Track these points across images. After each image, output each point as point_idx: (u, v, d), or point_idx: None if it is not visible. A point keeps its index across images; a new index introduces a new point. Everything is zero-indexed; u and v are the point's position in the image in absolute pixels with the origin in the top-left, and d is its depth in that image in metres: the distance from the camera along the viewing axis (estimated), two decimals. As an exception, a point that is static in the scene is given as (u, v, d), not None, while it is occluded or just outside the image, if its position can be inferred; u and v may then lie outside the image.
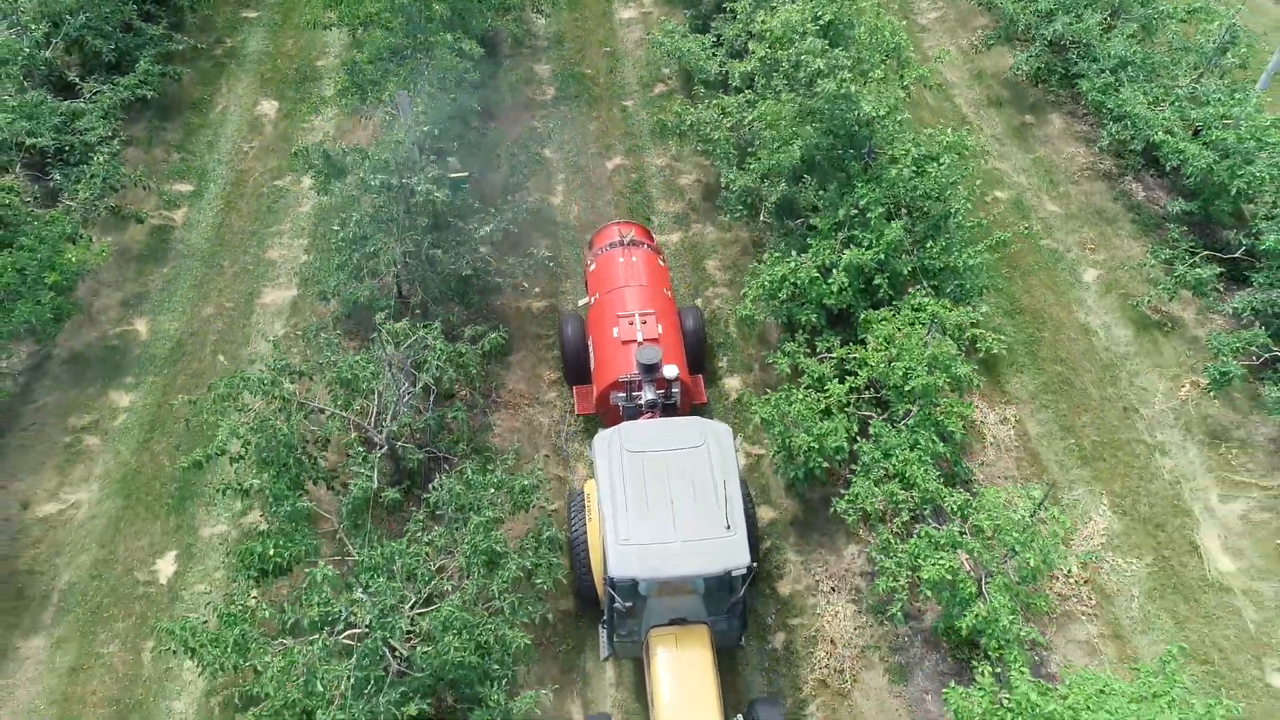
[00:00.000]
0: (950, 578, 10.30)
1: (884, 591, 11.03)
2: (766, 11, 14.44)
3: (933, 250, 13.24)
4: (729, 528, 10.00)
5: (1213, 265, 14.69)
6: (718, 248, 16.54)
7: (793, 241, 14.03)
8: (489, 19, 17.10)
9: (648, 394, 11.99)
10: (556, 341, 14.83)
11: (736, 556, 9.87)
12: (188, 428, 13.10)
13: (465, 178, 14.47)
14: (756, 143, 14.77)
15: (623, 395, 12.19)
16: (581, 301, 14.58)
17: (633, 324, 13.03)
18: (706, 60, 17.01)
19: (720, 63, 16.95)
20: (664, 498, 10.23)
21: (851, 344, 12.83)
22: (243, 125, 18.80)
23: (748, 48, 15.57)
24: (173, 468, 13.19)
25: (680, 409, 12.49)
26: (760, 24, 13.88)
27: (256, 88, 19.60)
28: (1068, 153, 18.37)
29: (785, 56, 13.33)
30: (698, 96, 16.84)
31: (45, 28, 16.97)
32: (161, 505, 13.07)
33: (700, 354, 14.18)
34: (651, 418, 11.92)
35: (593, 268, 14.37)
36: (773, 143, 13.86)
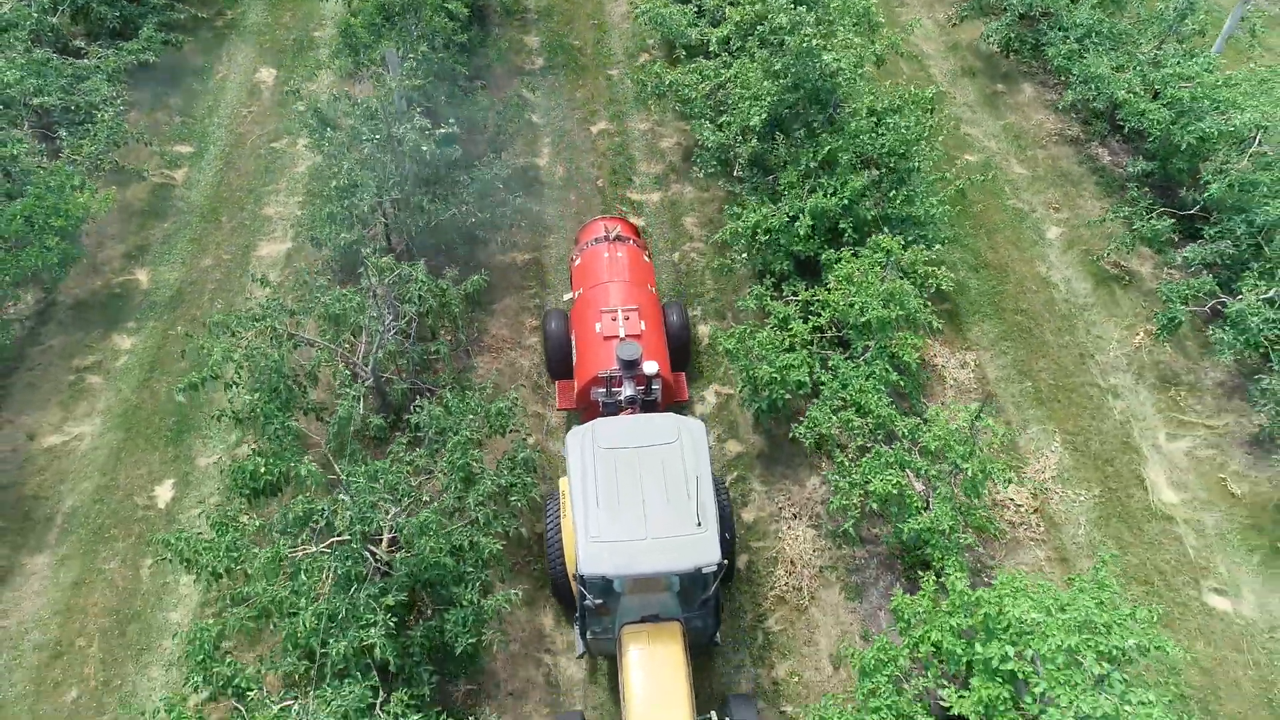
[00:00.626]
0: (897, 492, 10.97)
1: (838, 510, 11.70)
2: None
3: (895, 200, 13.92)
4: (700, 525, 9.91)
5: (1167, 220, 15.34)
6: (695, 206, 17.22)
7: (763, 196, 14.71)
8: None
9: (627, 389, 11.92)
10: (538, 288, 15.51)
11: (707, 554, 9.77)
12: (184, 357, 13.78)
13: (453, 134, 15.13)
14: (729, 102, 15.44)
15: (602, 390, 12.14)
16: (566, 296, 14.60)
17: (615, 319, 12.95)
18: (687, 27, 17.68)
19: (700, 31, 17.62)
20: (636, 495, 10.17)
21: (817, 288, 13.50)
22: (242, 92, 19.53)
23: (726, 15, 16.31)
24: (170, 390, 13.90)
25: (661, 406, 12.42)
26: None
27: (255, 57, 20.33)
28: (1036, 119, 19.03)
29: (757, 13, 13.99)
30: (678, 61, 17.51)
31: (53, -6, 17.75)
32: (160, 437, 13.79)
33: (684, 351, 14.14)
34: (632, 414, 11.86)
35: (577, 262, 14.38)
36: (743, 99, 14.53)
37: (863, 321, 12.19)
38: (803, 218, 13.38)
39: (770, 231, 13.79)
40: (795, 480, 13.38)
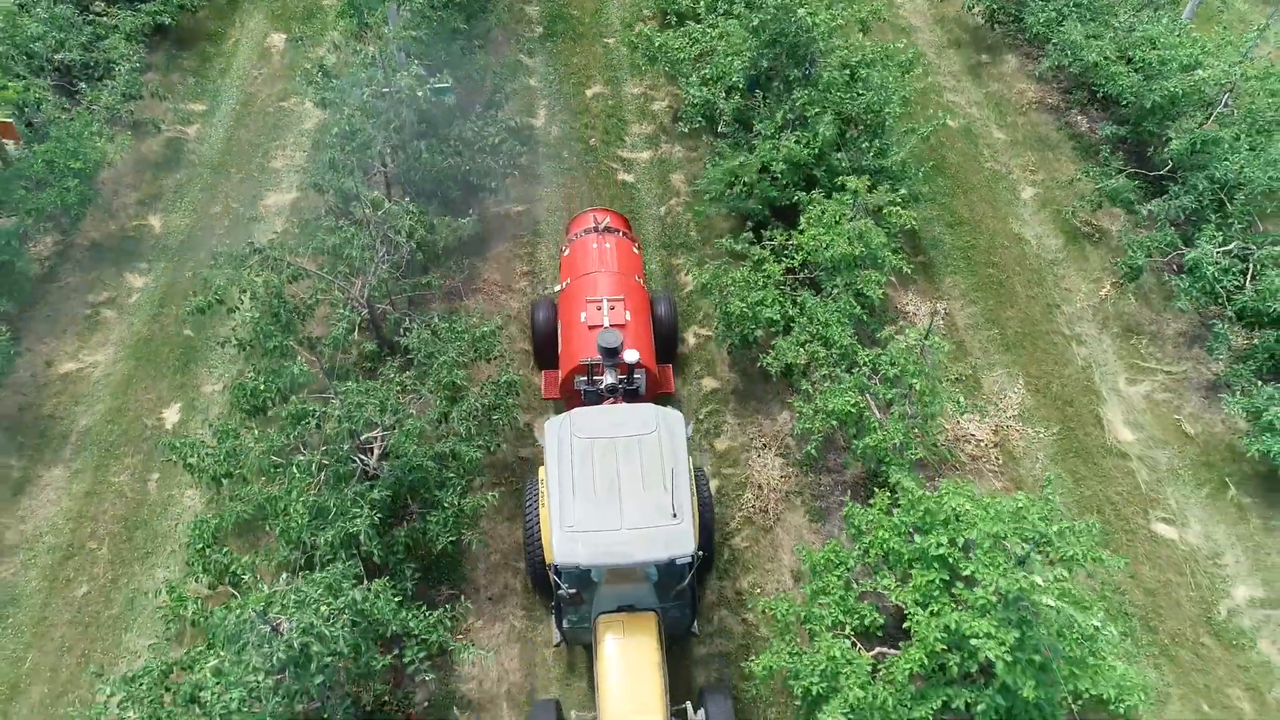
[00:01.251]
0: (855, 413, 11.65)
1: (802, 433, 12.39)
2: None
3: (869, 152, 14.59)
4: (675, 515, 9.91)
5: (1135, 180, 15.93)
6: (684, 164, 17.92)
7: (744, 149, 15.39)
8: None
9: (608, 378, 11.86)
10: (530, 236, 16.23)
11: (682, 544, 9.78)
12: (193, 294, 14.60)
13: (448, 88, 15.88)
14: (713, 60, 16.14)
15: (584, 379, 12.18)
16: (556, 287, 14.63)
17: (600, 309, 12.98)
18: (679, -7, 18.40)
19: (692, -3, 18.33)
20: (611, 484, 10.16)
21: (791, 233, 14.18)
22: (253, 54, 20.37)
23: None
24: (179, 322, 14.76)
25: (647, 397, 12.34)
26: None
27: (267, 22, 21.16)
28: (1019, 88, 19.62)
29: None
30: (671, 26, 18.20)
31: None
32: (168, 366, 14.62)
33: (672, 343, 14.18)
34: (614, 403, 11.83)
35: (566, 253, 14.50)
36: (726, 55, 15.24)
37: (829, 258, 12.86)
38: (776, 165, 14.05)
39: (746, 179, 14.47)
40: (767, 415, 14.06)
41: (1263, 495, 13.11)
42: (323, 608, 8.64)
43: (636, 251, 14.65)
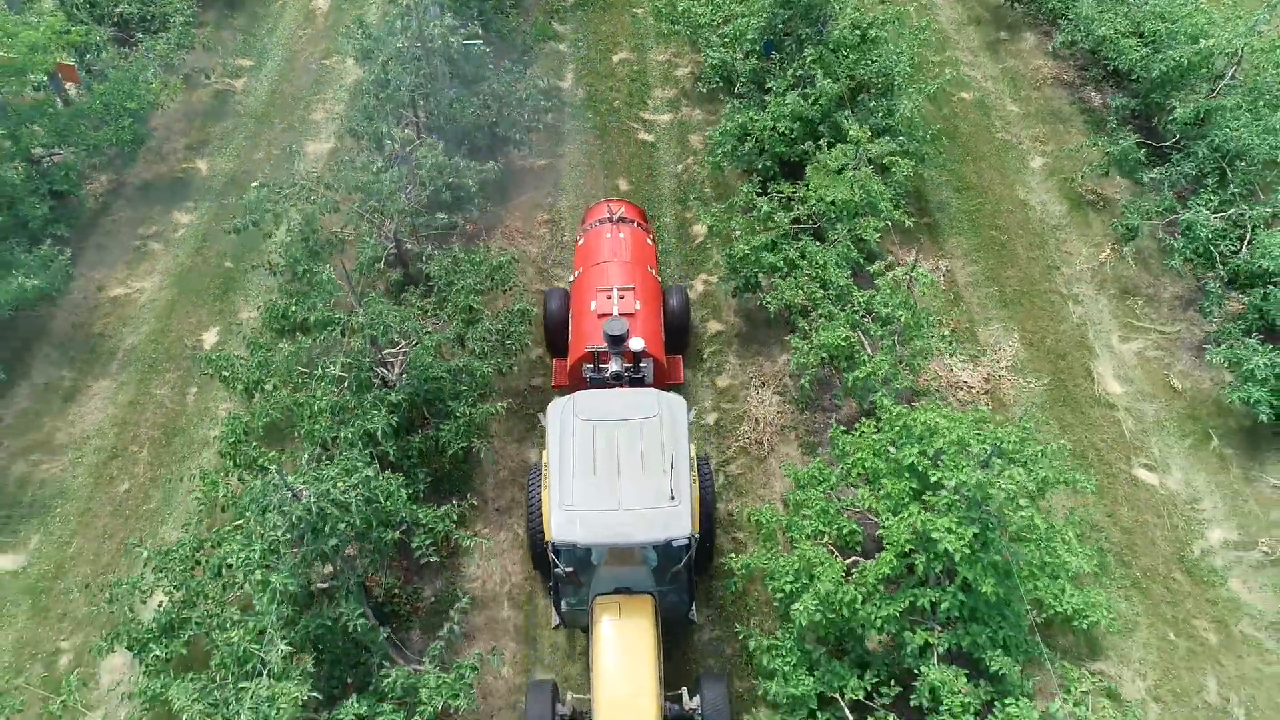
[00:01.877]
0: (846, 346, 12.30)
1: (797, 368, 13.06)
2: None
3: (877, 112, 15.21)
4: (673, 498, 10.00)
5: (1141, 149, 16.32)
6: (702, 126, 18.62)
7: (756, 107, 16.08)
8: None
9: (614, 365, 11.98)
10: (551, 189, 17.04)
11: (678, 527, 9.87)
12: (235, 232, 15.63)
13: (479, 43, 16.75)
14: (733, 23, 16.85)
15: (590, 366, 12.30)
16: (570, 277, 14.79)
17: (610, 298, 13.09)
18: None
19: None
20: (611, 466, 10.27)
21: (798, 185, 14.84)
22: (299, 15, 21.44)
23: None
24: (219, 257, 15.79)
25: (654, 388, 12.25)
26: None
27: (313, -14, 22.24)
28: (1035, 64, 20.05)
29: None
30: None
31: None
32: (209, 294, 15.65)
33: (683, 335, 14.25)
34: None
35: (580, 242, 14.64)
36: (743, 17, 15.94)
37: (831, 204, 13.51)
38: (782, 121, 14.73)
39: (756, 136, 15.15)
40: (767, 357, 14.73)
41: (1245, 448, 13.52)
42: (339, 483, 9.49)
43: (651, 242, 14.77)
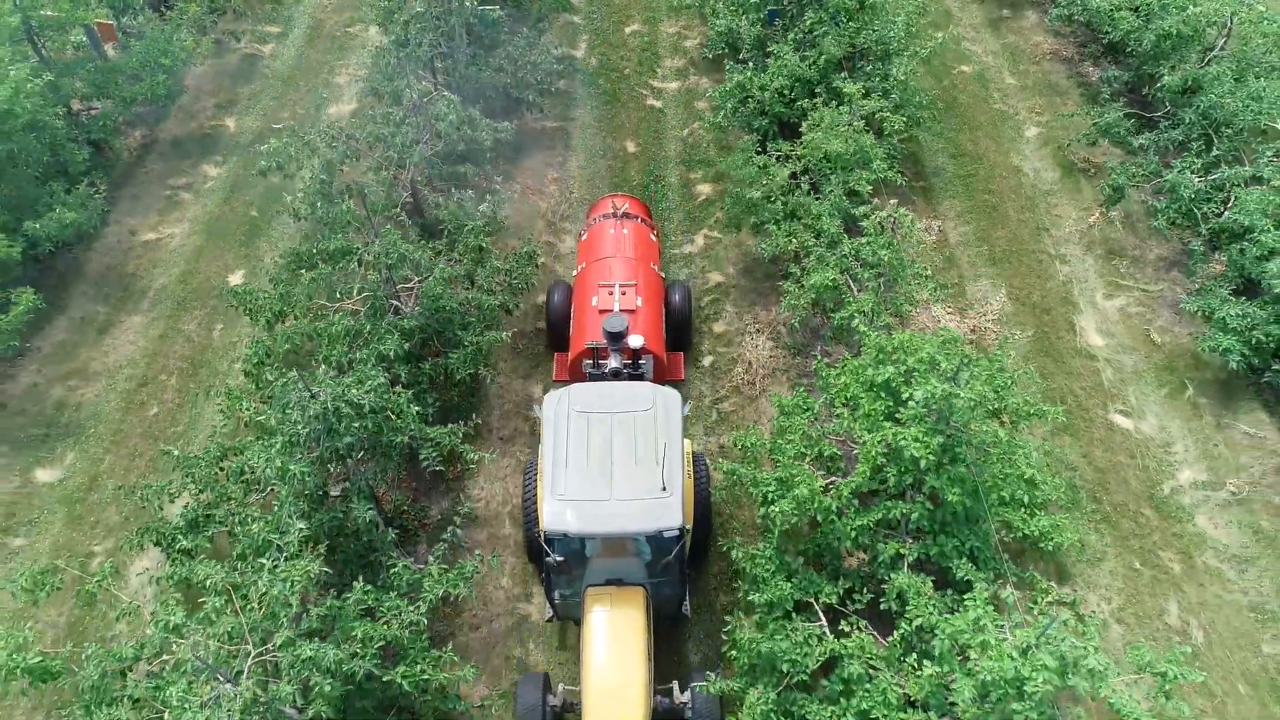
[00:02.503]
0: (834, 288, 12.98)
1: (788, 309, 13.75)
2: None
3: (874, 77, 15.87)
4: (665, 490, 10.03)
5: (1132, 120, 16.87)
6: (709, 92, 19.32)
7: (758, 70, 16.78)
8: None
9: (613, 362, 12.06)
10: (562, 149, 17.79)
11: (669, 518, 9.89)
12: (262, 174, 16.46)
13: (496, 8, 17.55)
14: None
15: (590, 362, 12.38)
16: (575, 272, 14.78)
17: (611, 294, 13.12)
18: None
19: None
20: (605, 458, 10.31)
21: (795, 144, 15.53)
22: (325, -13, 22.37)
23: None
24: (246, 207, 16.64)
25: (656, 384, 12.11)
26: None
27: (339, -41, 23.14)
28: (1035, 41, 20.62)
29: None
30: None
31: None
32: (235, 239, 16.54)
33: (684, 332, 14.27)
34: None
35: (584, 237, 14.76)
36: (748, -17, 16.69)
37: (825, 157, 14.18)
38: (779, 81, 15.44)
39: (756, 97, 15.86)
40: (763, 306, 15.42)
41: (1219, 397, 14.07)
42: (354, 389, 10.28)
43: (654, 239, 14.82)
